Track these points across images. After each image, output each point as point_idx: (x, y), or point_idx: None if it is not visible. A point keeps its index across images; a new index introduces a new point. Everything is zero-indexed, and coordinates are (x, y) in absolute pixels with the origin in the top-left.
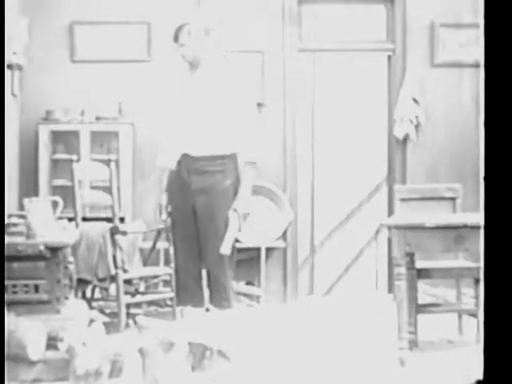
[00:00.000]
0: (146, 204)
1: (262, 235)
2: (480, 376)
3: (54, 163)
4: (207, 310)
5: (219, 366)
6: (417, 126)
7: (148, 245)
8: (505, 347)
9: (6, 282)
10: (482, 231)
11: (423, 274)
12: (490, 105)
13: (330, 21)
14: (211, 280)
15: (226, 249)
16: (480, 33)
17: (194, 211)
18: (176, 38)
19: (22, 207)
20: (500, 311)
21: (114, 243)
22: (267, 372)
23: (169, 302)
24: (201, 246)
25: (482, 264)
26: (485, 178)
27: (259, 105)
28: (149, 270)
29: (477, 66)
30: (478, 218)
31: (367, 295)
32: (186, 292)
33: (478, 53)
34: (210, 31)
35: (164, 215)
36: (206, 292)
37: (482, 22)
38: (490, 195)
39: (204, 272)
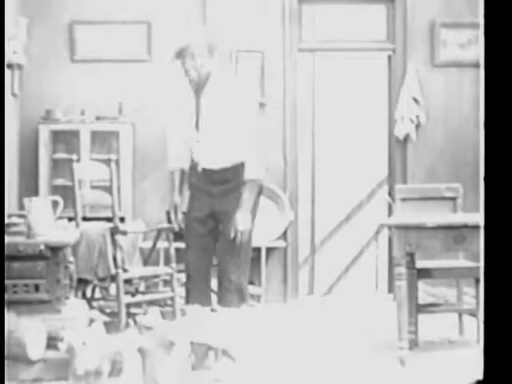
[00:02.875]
0: (146, 204)
1: (263, 235)
2: (480, 376)
3: (54, 163)
4: (212, 310)
5: (222, 366)
6: (417, 126)
7: (148, 244)
8: (505, 347)
9: (7, 282)
10: (481, 231)
11: (423, 273)
12: (489, 105)
13: (331, 20)
14: (223, 278)
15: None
16: (480, 33)
17: (213, 212)
18: (178, 58)
19: (22, 207)
20: (500, 311)
21: (114, 243)
22: (268, 371)
23: (169, 302)
24: (214, 245)
25: (481, 264)
26: (485, 178)
27: (260, 104)
28: (149, 270)
29: (477, 65)
30: (478, 217)
31: (367, 295)
32: (195, 290)
33: (478, 52)
34: (214, 50)
35: (180, 216)
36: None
37: (481, 21)
38: (490, 195)
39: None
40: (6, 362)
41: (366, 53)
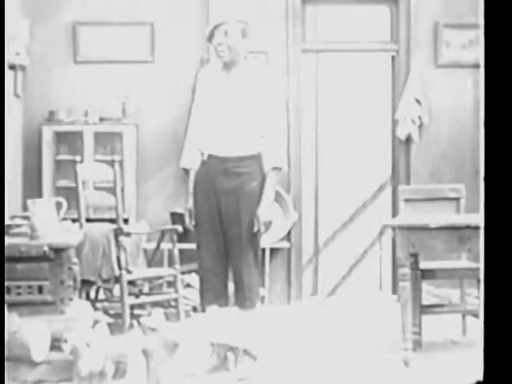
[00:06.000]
0: (150, 205)
1: (266, 236)
2: (480, 377)
3: (58, 164)
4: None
5: (244, 365)
6: (420, 127)
7: (152, 246)
8: (505, 348)
9: (10, 283)
10: (481, 231)
11: (427, 274)
12: (490, 105)
13: (334, 21)
14: (236, 280)
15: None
16: (480, 33)
17: (220, 211)
18: (211, 37)
19: (25, 208)
20: (500, 312)
21: (118, 244)
22: (270, 371)
23: (173, 303)
24: (226, 246)
25: (481, 264)
26: (485, 178)
27: None
28: (153, 271)
29: (480, 66)
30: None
31: (371, 296)
32: (212, 291)
33: (480, 53)
34: (246, 34)
35: (193, 218)
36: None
37: (482, 22)
38: (490, 195)
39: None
40: (9, 363)
41: (370, 53)
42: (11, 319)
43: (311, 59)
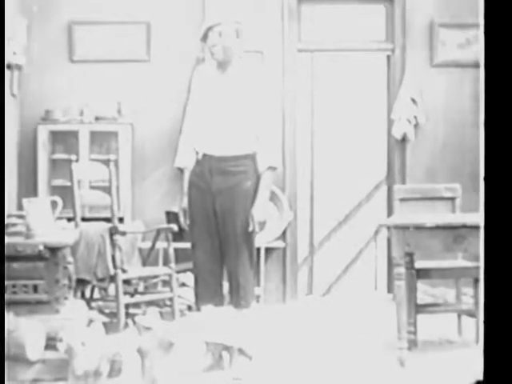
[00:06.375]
0: (146, 204)
1: (262, 235)
2: (480, 376)
3: (53, 163)
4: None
5: (240, 364)
6: (416, 126)
7: (147, 245)
8: (504, 347)
9: (6, 282)
10: (481, 231)
11: (422, 273)
12: (489, 105)
13: (330, 21)
14: (231, 279)
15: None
16: (480, 32)
17: (214, 211)
18: (205, 37)
19: (21, 207)
20: (500, 311)
21: (113, 243)
22: (284, 370)
23: (168, 302)
24: (221, 245)
25: (481, 264)
26: (485, 178)
27: None
28: (148, 270)
29: (476, 65)
30: (478, 217)
31: (366, 295)
32: (207, 290)
33: (477, 53)
34: (241, 33)
35: (188, 218)
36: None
37: (481, 21)
38: (490, 195)
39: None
40: (5, 362)
41: (365, 53)
42: (7, 318)
43: (307, 59)
